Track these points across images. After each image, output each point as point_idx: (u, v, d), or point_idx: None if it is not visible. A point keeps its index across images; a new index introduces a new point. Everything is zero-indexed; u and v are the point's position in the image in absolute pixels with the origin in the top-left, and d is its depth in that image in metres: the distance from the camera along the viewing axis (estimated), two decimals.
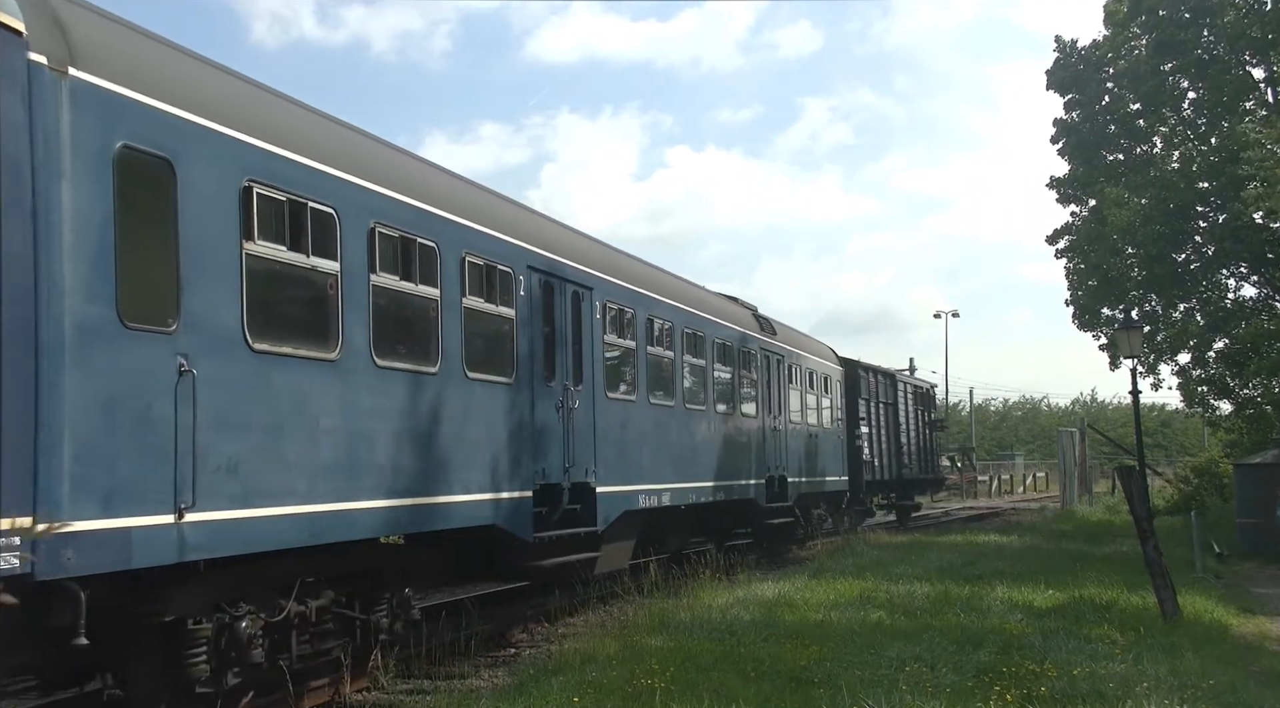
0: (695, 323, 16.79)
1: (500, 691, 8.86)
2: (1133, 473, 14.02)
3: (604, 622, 12.43)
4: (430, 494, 9.48)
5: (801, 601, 13.11)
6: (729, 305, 19.74)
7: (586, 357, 12.92)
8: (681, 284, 17.45)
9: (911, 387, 32.84)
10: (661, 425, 15.25)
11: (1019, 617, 11.88)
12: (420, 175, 10.35)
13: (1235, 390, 27.33)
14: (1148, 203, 26.24)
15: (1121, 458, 44.11)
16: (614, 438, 13.60)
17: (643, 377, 14.67)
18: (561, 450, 12.08)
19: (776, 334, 21.51)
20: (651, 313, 15.10)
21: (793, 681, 8.63)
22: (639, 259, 16.24)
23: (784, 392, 21.35)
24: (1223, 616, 12.86)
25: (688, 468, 16.12)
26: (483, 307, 10.61)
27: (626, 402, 14.10)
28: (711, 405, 17.29)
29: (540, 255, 11.98)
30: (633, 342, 14.37)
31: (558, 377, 12.16)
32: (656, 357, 15.28)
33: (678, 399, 15.86)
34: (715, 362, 17.57)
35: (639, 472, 14.33)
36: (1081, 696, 7.95)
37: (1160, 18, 27.04)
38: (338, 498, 8.23)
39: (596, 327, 13.27)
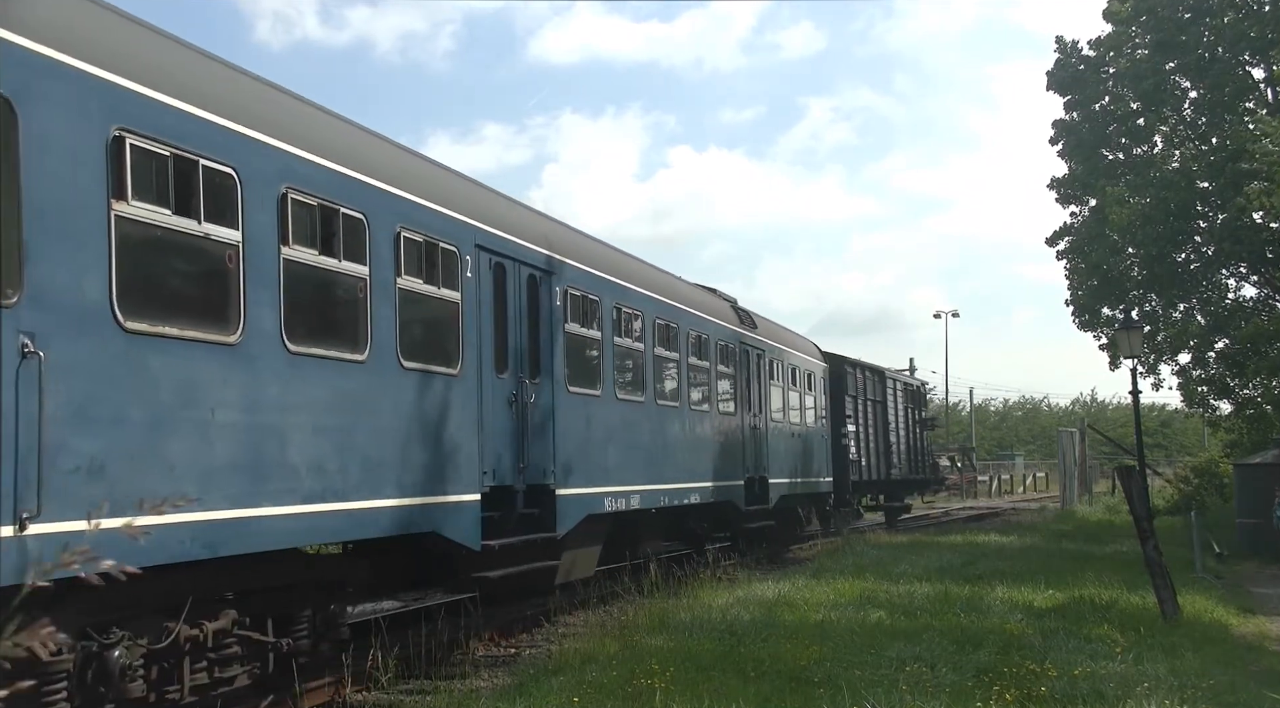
0: (668, 313, 15.80)
1: (500, 691, 8.86)
2: (1133, 473, 14.01)
3: (604, 622, 12.42)
4: (355, 498, 8.41)
5: (801, 601, 13.11)
6: (706, 297, 18.84)
7: (545, 347, 11.96)
8: (653, 271, 16.44)
9: (901, 384, 31.89)
10: (630, 423, 14.26)
11: (1019, 617, 11.88)
12: (347, 138, 9.10)
13: (1235, 390, 27.34)
14: (1148, 202, 26.25)
15: (1121, 458, 44.10)
16: (577, 436, 12.66)
17: (609, 370, 13.62)
18: (515, 450, 11.15)
19: (757, 328, 20.59)
20: (620, 301, 14.08)
21: (793, 681, 8.63)
22: (606, 243, 15.22)
23: (765, 388, 20.43)
24: (1223, 616, 12.86)
25: (660, 469, 15.13)
26: (421, 288, 9.54)
27: (591, 397, 13.11)
28: (686, 402, 16.31)
29: (491, 234, 10.90)
30: (598, 332, 13.36)
31: (511, 368, 11.16)
32: (625, 349, 14.23)
33: (648, 395, 14.86)
34: (690, 355, 16.58)
35: (605, 473, 13.38)
36: (1081, 696, 7.95)
37: (1160, 17, 27.04)
38: (238, 504, 7.19)
39: (557, 315, 12.23)
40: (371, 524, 8.70)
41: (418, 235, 9.54)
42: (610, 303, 13.76)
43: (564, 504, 12.17)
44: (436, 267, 9.83)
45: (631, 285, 14.70)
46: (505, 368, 11.05)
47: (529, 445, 11.42)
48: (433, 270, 9.79)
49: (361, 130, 9.65)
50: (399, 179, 9.50)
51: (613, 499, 13.55)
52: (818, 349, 25.55)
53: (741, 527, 19.18)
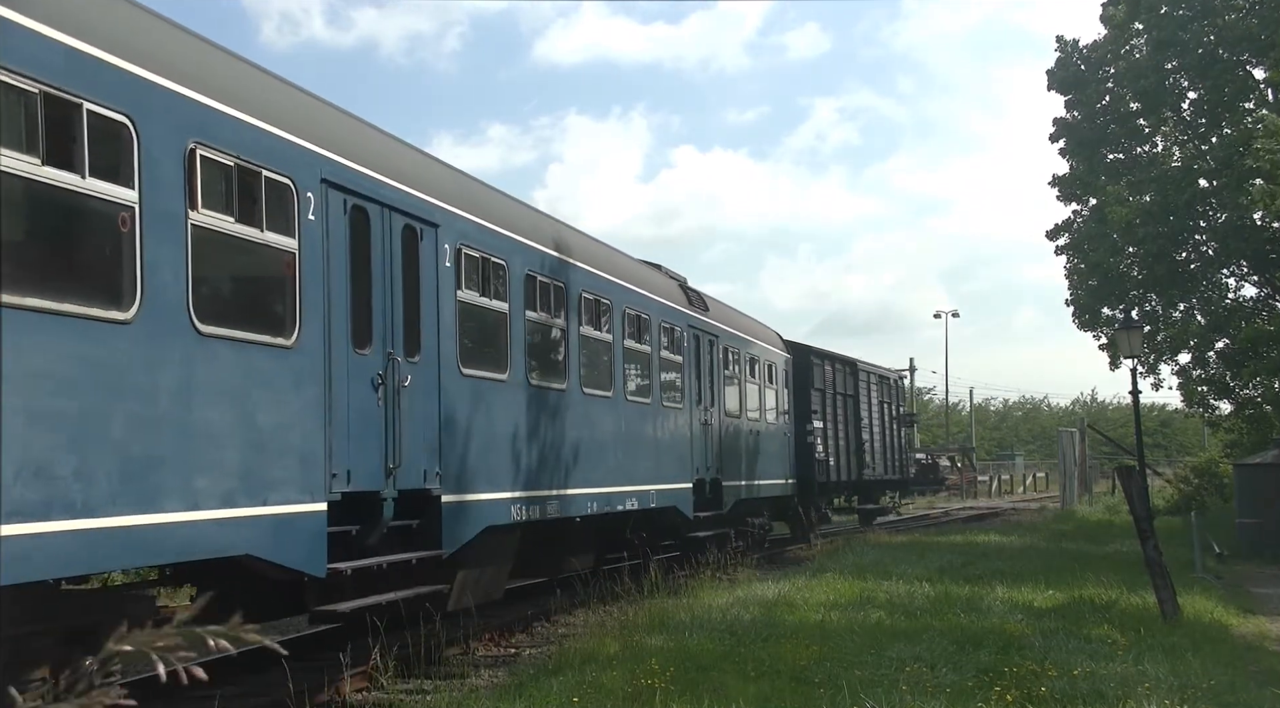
0: (599, 286, 13.70)
1: (500, 691, 8.85)
2: (1133, 473, 14.01)
3: (604, 622, 12.41)
4: (108, 512, 6.22)
5: (801, 601, 13.10)
6: (649, 273, 16.71)
7: (428, 318, 9.77)
8: (581, 237, 14.41)
9: (876, 376, 29.52)
10: (548, 415, 12.15)
11: (1019, 617, 11.87)
12: (101, 4, 6.77)
13: (1235, 390, 27.35)
14: (1148, 201, 26.26)
15: (1121, 458, 44.10)
16: (473, 430, 10.49)
17: (520, 351, 11.48)
18: (383, 445, 8.99)
19: (709, 311, 18.48)
20: (534, 267, 11.98)
21: (793, 680, 8.63)
22: (518, 200, 13.05)
23: (718, 379, 18.34)
24: (1223, 616, 12.85)
25: (587, 470, 13.06)
26: (232, 229, 7.33)
27: (494, 382, 10.99)
28: (621, 392, 14.24)
29: (348, 169, 8.71)
30: (504, 303, 11.25)
31: (378, 343, 9.04)
32: (541, 326, 12.18)
33: (571, 382, 12.74)
34: (627, 338, 14.52)
35: (513, 475, 11.28)
36: (1081, 696, 7.95)
37: (1161, 16, 27.05)
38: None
39: (445, 278, 10.08)
40: (137, 548, 6.53)
41: (225, 157, 7.32)
42: (521, 269, 11.63)
43: (453, 514, 10.00)
44: (259, 203, 7.61)
45: (550, 250, 12.52)
46: (369, 342, 8.90)
47: (403, 440, 9.17)
48: (252, 207, 7.57)
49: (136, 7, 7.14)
50: (194, 77, 7.17)
51: (522, 506, 11.39)
52: (780, 338, 23.68)
53: (690, 535, 17.02)
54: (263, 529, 7.52)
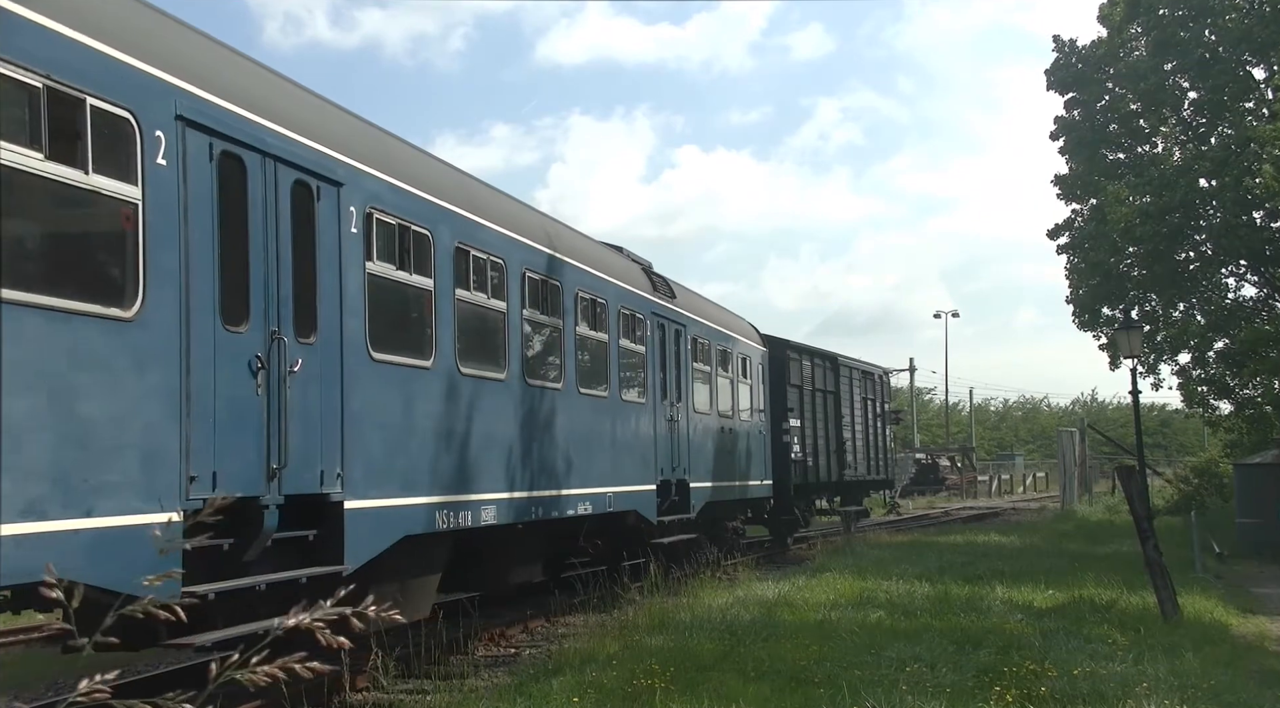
0: (545, 265, 12.32)
1: (500, 691, 8.85)
2: (1133, 473, 14.03)
3: (604, 622, 12.41)
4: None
5: (801, 601, 13.10)
6: (608, 254, 15.33)
7: (328, 293, 8.37)
8: (526, 209, 12.93)
9: (859, 372, 28.23)
10: (483, 409, 10.72)
11: (1019, 617, 11.87)
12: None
13: (1235, 390, 27.36)
14: (1148, 201, 26.27)
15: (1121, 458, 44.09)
16: (387, 424, 9.12)
17: (448, 334, 10.05)
18: (263, 441, 7.57)
19: (676, 299, 17.13)
20: (466, 240, 10.50)
21: (793, 680, 8.63)
22: (449, 164, 11.47)
23: (687, 373, 17.03)
24: (1223, 616, 12.86)
25: (531, 470, 11.70)
26: (39, 168, 5.89)
27: (415, 369, 9.59)
28: (572, 384, 12.89)
29: (213, 106, 7.23)
30: (428, 279, 9.79)
31: (258, 319, 7.61)
32: (476, 307, 10.72)
33: (513, 371, 11.36)
34: (580, 324, 13.15)
35: (438, 476, 9.82)
36: (1082, 696, 7.95)
37: (1160, 16, 27.05)
38: None
39: (351, 246, 8.67)
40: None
41: (29, 75, 5.88)
42: (450, 240, 10.18)
43: (360, 523, 8.53)
44: (82, 139, 6.21)
45: (486, 221, 11.02)
46: (244, 318, 7.50)
47: (290, 436, 7.78)
48: (72, 144, 6.16)
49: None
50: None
51: (450, 512, 9.94)
52: (756, 331, 22.32)
53: (653, 542, 15.47)
54: (83, 547, 6.04)
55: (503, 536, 11.58)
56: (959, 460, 63.60)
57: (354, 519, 8.50)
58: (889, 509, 42.68)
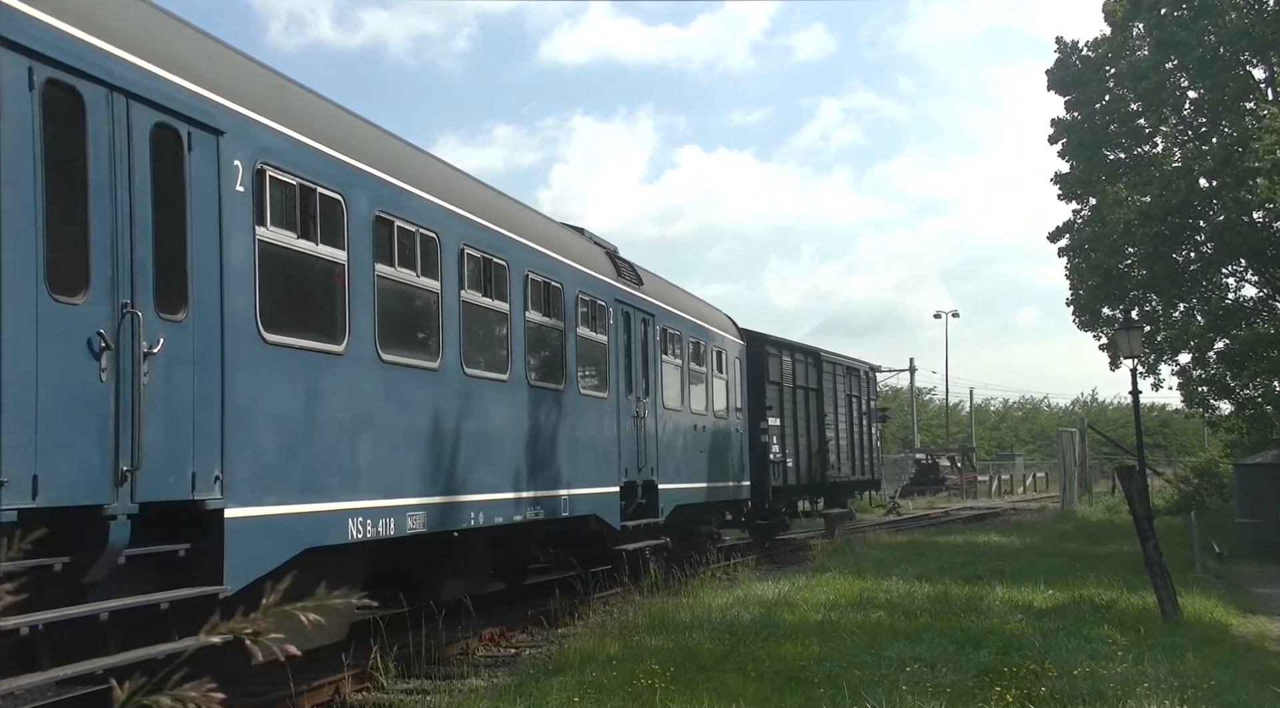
0: (490, 242, 11.04)
1: (500, 690, 8.85)
2: (1133, 473, 14.03)
3: (604, 622, 12.41)
4: None
5: (801, 600, 13.10)
6: (565, 234, 14.09)
7: (203, 261, 7.05)
8: (463, 177, 11.59)
9: (844, 369, 27.06)
10: (410, 401, 9.50)
11: (1019, 617, 11.87)
12: None
13: (1235, 391, 27.36)
14: (1148, 201, 26.27)
15: (1121, 458, 44.11)
16: (285, 417, 7.84)
17: (367, 315, 8.77)
18: (107, 437, 6.28)
19: (643, 285, 15.88)
20: (390, 206, 9.24)
21: (793, 680, 8.63)
22: (372, 123, 10.01)
23: (656, 366, 15.87)
24: (1223, 616, 12.86)
25: (470, 471, 10.41)
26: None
27: (324, 355, 8.27)
28: (522, 375, 11.61)
29: (35, 23, 6.00)
30: (342, 251, 8.45)
31: (99, 288, 6.31)
32: (402, 286, 9.45)
33: (447, 360, 10.07)
34: (530, 308, 11.91)
35: (351, 478, 8.54)
36: (1082, 696, 7.95)
37: (1161, 16, 27.05)
38: None
39: (236, 208, 7.35)
40: None
41: None
42: (368, 207, 8.92)
43: (245, 533, 7.22)
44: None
45: (415, 189, 9.78)
46: (82, 286, 6.25)
47: (147, 431, 6.51)
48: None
49: None
50: None
51: (368, 520, 8.66)
52: (733, 324, 21.12)
53: (616, 549, 14.42)
54: None
55: (439, 544, 10.34)
56: (959, 461, 63.61)
57: (238, 530, 7.20)
58: (889, 509, 42.71)
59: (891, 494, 47.98)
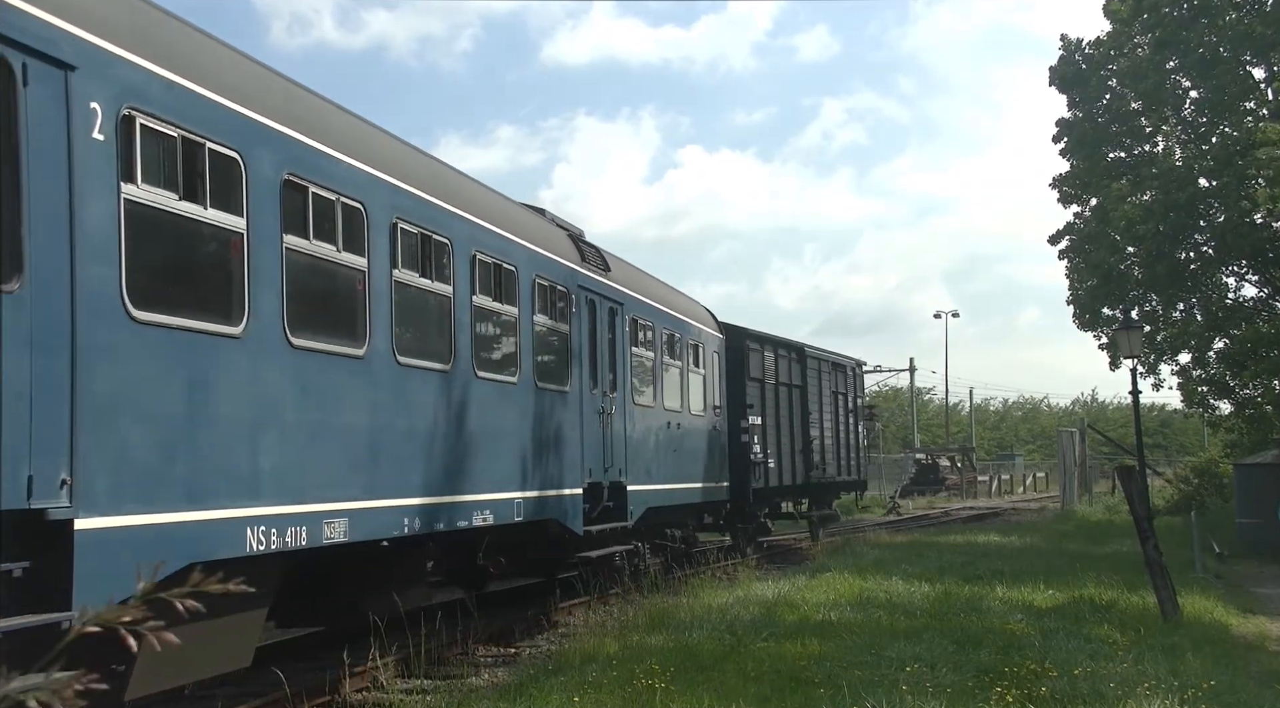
0: (427, 216, 9.86)
1: (500, 690, 8.86)
2: (1133, 473, 14.04)
3: (604, 622, 12.42)
4: None
5: (801, 600, 13.10)
6: (522, 213, 12.98)
7: (42, 222, 5.82)
8: (398, 144, 10.26)
9: (829, 364, 25.91)
10: (330, 392, 8.27)
11: (1019, 617, 11.88)
12: None
13: (1235, 391, 27.37)
14: (1148, 201, 26.28)
15: (1121, 458, 44.13)
16: (160, 409, 6.64)
17: (273, 293, 7.61)
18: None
19: (611, 272, 14.82)
20: (303, 169, 7.99)
21: (793, 680, 8.63)
22: (278, 73, 8.51)
23: (624, 359, 14.85)
24: (1223, 616, 12.87)
25: (402, 471, 9.22)
26: None
27: (215, 338, 7.05)
28: (468, 365, 10.46)
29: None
30: (240, 217, 7.26)
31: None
32: (320, 262, 8.24)
33: (376, 346, 8.83)
34: (479, 293, 10.78)
35: (253, 481, 7.36)
36: (1082, 696, 7.95)
37: (1162, 15, 27.06)
38: None
39: (93, 157, 6.14)
40: None
41: None
42: (274, 169, 7.71)
43: (101, 549, 6.03)
44: None
45: (335, 151, 8.51)
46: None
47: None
48: None
49: None
50: None
51: (272, 529, 7.43)
52: (712, 317, 20.17)
53: (579, 555, 13.55)
54: None
55: (365, 555, 9.16)
56: (959, 461, 63.63)
57: (91, 545, 5.92)
58: (889, 509, 42.74)
59: (892, 494, 48.04)
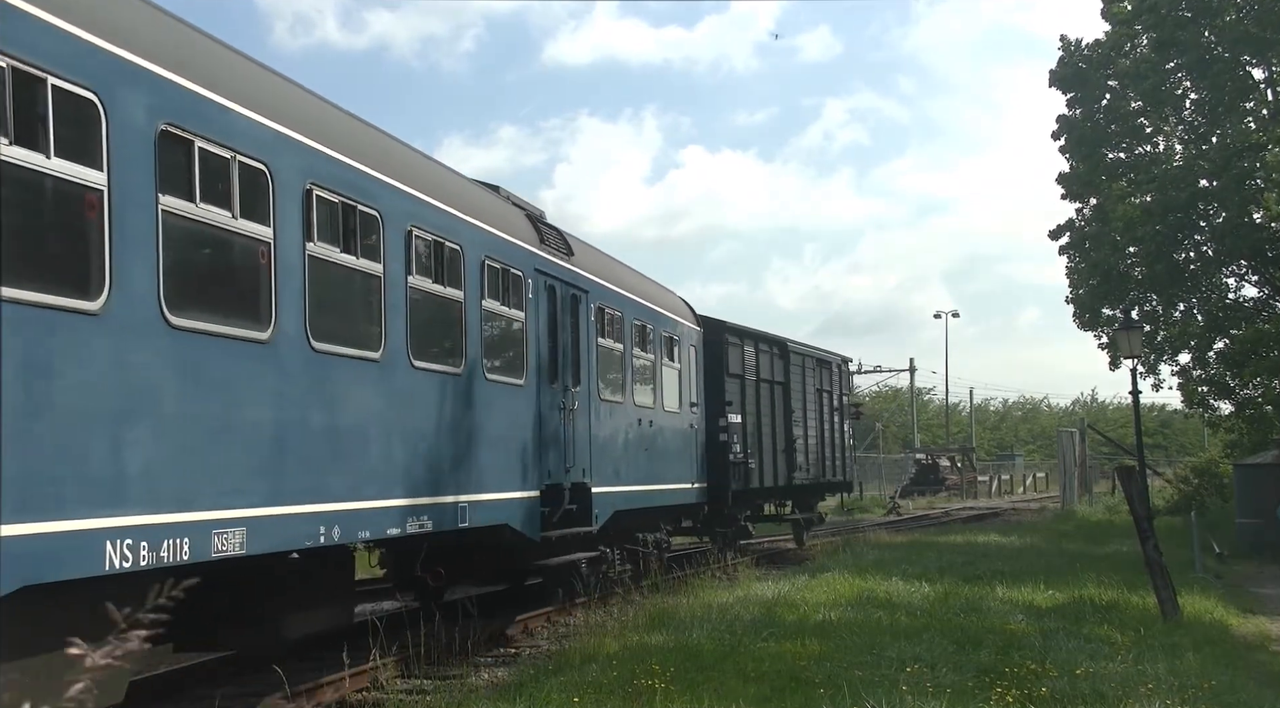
0: (351, 184, 8.69)
1: (500, 690, 8.85)
2: (1133, 473, 14.04)
3: (604, 622, 12.41)
4: None
5: (802, 600, 13.09)
6: (470, 188, 11.86)
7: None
8: (311, 98, 8.91)
9: (814, 360, 24.72)
10: (224, 382, 7.14)
11: (1019, 617, 11.88)
12: None
13: (1235, 391, 27.38)
14: (1148, 201, 26.29)
15: (1121, 458, 44.14)
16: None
17: (147, 265, 6.45)
18: None
19: (574, 256, 13.67)
20: (186, 121, 6.84)
21: (793, 680, 8.63)
22: (156, 5, 7.15)
23: (589, 350, 13.77)
24: (1223, 616, 12.87)
25: (318, 474, 8.09)
26: None
27: (62, 315, 5.88)
28: (401, 354, 9.32)
29: None
30: (100, 172, 6.11)
31: None
32: (211, 230, 7.10)
33: (285, 329, 7.76)
34: (416, 272, 9.64)
35: (106, 486, 6.10)
36: (1082, 696, 7.95)
37: (1161, 16, 27.07)
38: None
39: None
40: None
41: None
42: (148, 118, 6.51)
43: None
44: None
45: (231, 102, 7.33)
46: None
47: None
48: None
49: None
50: None
51: (141, 543, 6.23)
52: (690, 309, 19.11)
53: (536, 564, 12.70)
54: None
55: (270, 570, 8.05)
56: (959, 461, 63.64)
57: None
58: (889, 509, 42.76)
59: (892, 494, 48.08)
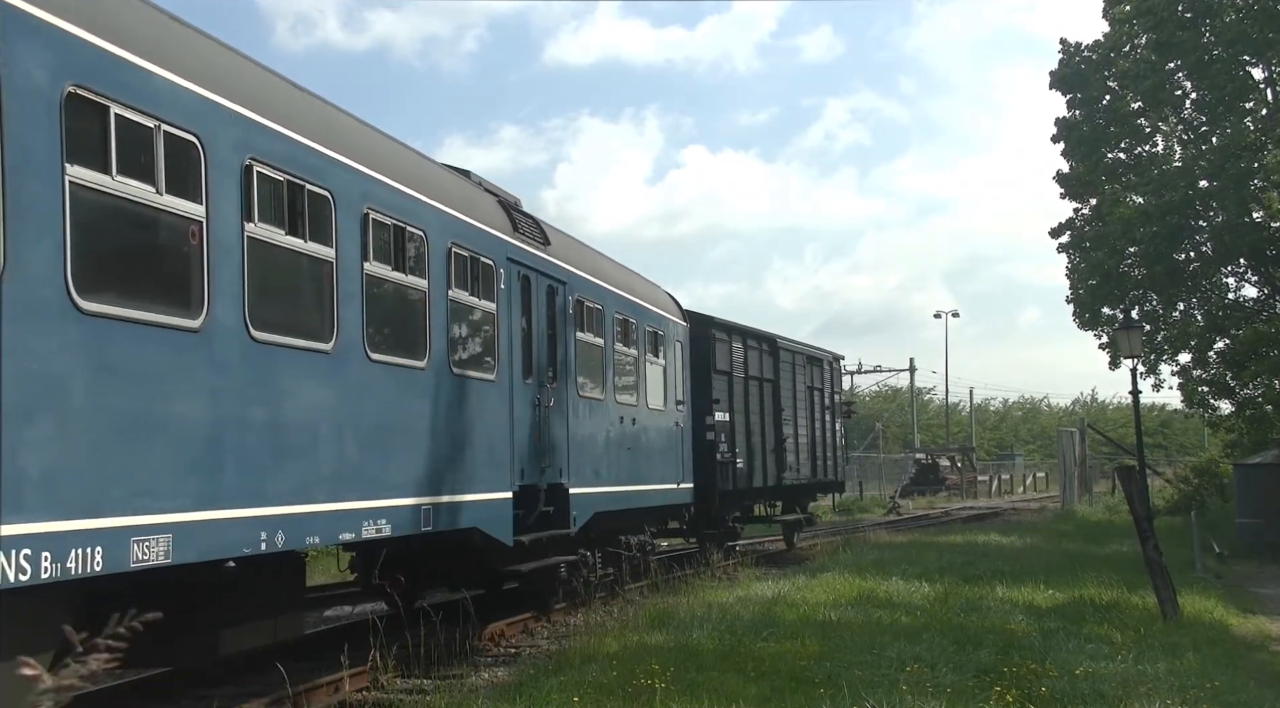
0: (297, 161, 8.04)
1: (500, 690, 8.85)
2: (1133, 473, 14.05)
3: (604, 622, 12.41)
4: None
5: (802, 600, 13.09)
6: (437, 172, 11.16)
7: None
8: (253, 67, 8.14)
9: (804, 357, 24.23)
10: (143, 373, 6.46)
11: (1019, 617, 11.88)
12: None
13: (1235, 391, 27.39)
14: (1148, 201, 26.29)
15: (1121, 458, 44.14)
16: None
17: (52, 245, 5.80)
18: None
19: (550, 246, 13.05)
20: (101, 85, 6.16)
21: (793, 680, 8.62)
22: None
23: (568, 345, 13.25)
24: (1223, 616, 12.86)
25: (258, 475, 7.47)
26: None
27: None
28: (357, 346, 8.67)
29: None
30: None
31: None
32: (128, 206, 6.39)
33: (220, 318, 7.12)
34: (374, 259, 8.96)
35: (39, 492, 5.64)
36: (1082, 696, 7.95)
37: (1160, 16, 27.07)
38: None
39: None
40: None
41: None
42: (53, 80, 5.88)
43: None
44: None
45: (154, 66, 6.62)
46: None
47: None
48: None
49: None
50: None
51: (43, 554, 5.62)
52: (675, 303, 18.51)
53: (509, 569, 12.05)
54: None
55: (208, 578, 7.32)
56: (959, 461, 63.66)
57: None
58: (889, 509, 42.76)
59: (892, 494, 48.09)
